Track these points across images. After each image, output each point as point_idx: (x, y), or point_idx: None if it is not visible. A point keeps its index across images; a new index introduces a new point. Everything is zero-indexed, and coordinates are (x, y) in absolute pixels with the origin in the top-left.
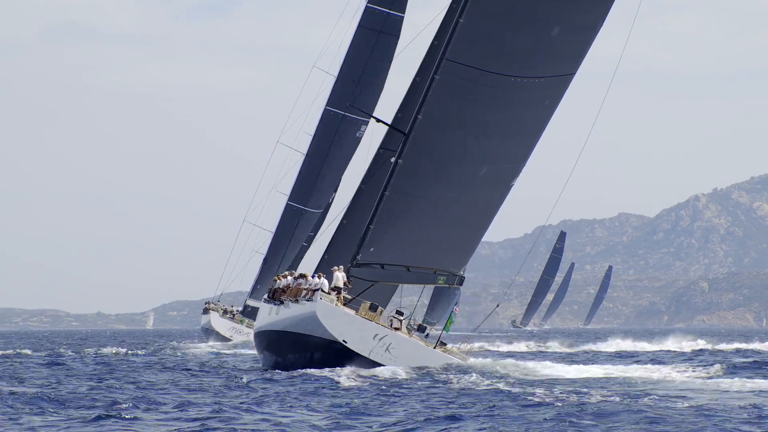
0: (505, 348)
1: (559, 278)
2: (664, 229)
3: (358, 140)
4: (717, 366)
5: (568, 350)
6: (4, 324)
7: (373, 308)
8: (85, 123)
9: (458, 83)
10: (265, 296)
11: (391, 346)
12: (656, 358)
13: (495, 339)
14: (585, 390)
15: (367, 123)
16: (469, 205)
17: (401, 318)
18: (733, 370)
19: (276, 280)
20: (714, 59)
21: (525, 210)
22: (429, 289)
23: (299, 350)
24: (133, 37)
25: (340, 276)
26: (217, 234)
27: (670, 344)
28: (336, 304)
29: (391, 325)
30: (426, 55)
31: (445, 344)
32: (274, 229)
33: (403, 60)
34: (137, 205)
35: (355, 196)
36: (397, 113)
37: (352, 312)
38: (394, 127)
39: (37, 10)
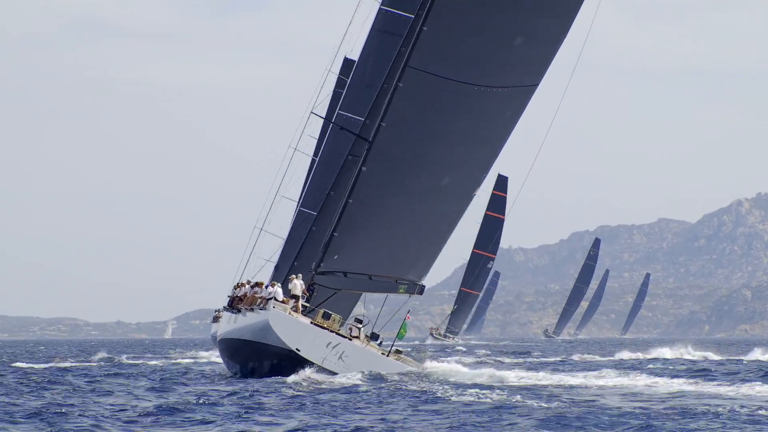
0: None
1: (593, 286)
2: (706, 235)
3: None
4: None
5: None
6: (22, 333)
7: (326, 316)
8: (91, 121)
9: (421, 91)
10: (225, 304)
11: (344, 354)
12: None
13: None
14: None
15: None
16: (430, 215)
17: (360, 326)
18: None
19: (236, 288)
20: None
21: (560, 215)
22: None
23: (256, 359)
24: (139, 34)
25: (297, 284)
26: (236, 240)
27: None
28: (290, 313)
29: (351, 332)
30: (393, 62)
31: (400, 352)
32: (285, 236)
33: None
34: (157, 211)
35: (324, 203)
36: (364, 120)
37: (306, 320)
38: (358, 135)
39: (35, 11)
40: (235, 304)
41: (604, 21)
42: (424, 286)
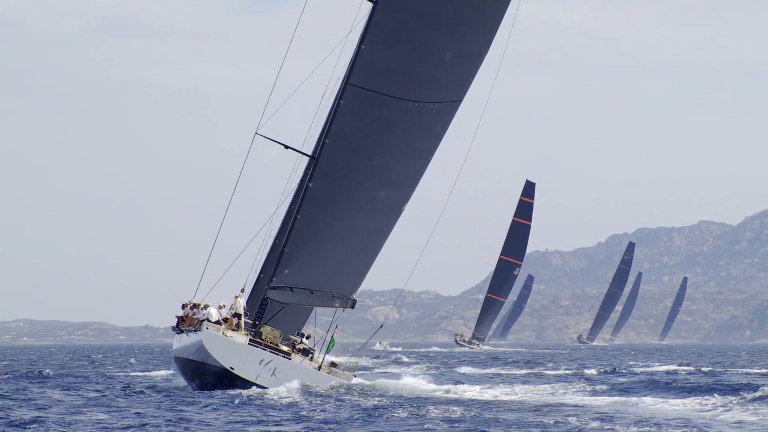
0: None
1: (628, 291)
2: (748, 238)
3: None
4: None
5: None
6: (48, 338)
7: (257, 334)
8: (122, 120)
9: (361, 108)
10: (173, 324)
11: (277, 370)
12: None
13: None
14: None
15: None
16: (366, 229)
17: (302, 339)
18: None
19: (183, 308)
20: None
21: (598, 217)
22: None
23: (199, 376)
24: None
25: (240, 302)
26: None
27: None
28: (224, 333)
29: (294, 346)
30: (343, 79)
31: (335, 365)
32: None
33: None
34: (183, 215)
35: (285, 217)
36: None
37: (242, 339)
38: (302, 152)
39: (62, 10)
40: (179, 324)
41: (654, 24)
42: (356, 300)
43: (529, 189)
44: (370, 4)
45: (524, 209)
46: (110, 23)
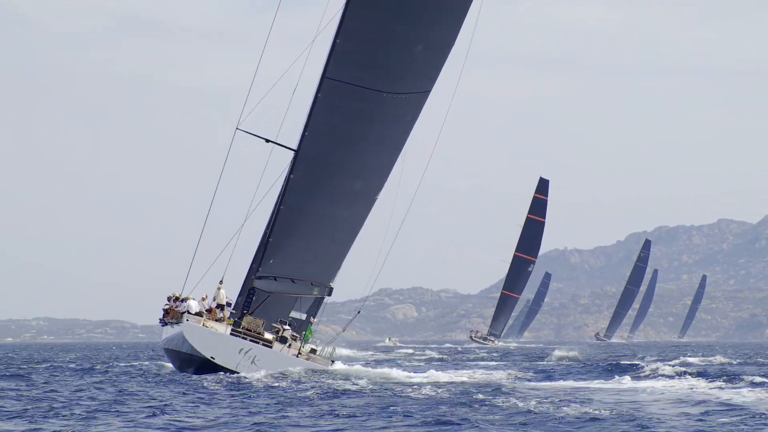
0: None
1: (644, 289)
2: (767, 237)
3: None
4: None
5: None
6: (68, 336)
7: (237, 324)
8: (139, 117)
9: (337, 100)
10: (160, 317)
11: (256, 358)
12: None
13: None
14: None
15: None
16: (343, 218)
17: (285, 327)
18: None
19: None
20: None
21: (617, 215)
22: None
23: (186, 365)
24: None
25: (221, 294)
26: None
27: None
28: (204, 324)
29: (278, 333)
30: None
31: (314, 351)
32: None
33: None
34: (201, 211)
35: (272, 209)
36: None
37: (223, 329)
38: (283, 146)
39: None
40: (165, 317)
41: (675, 22)
42: (333, 288)
43: (542, 186)
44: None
45: (538, 206)
46: (123, 23)
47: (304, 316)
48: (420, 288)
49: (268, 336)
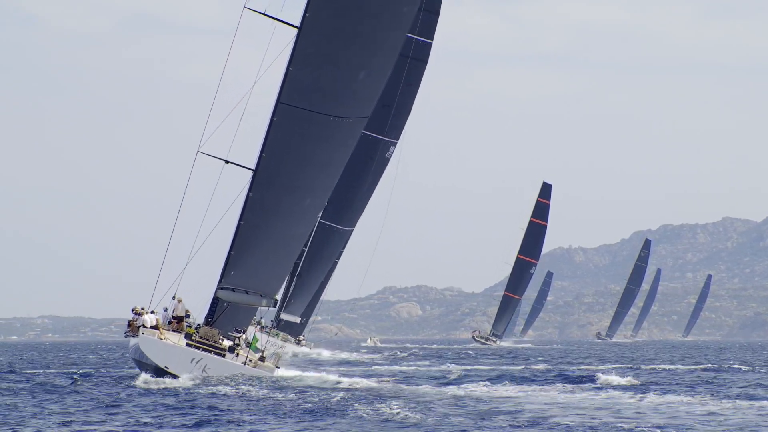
0: None
1: (647, 288)
2: None
3: (387, 161)
4: None
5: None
6: (72, 335)
7: (189, 335)
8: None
9: (291, 124)
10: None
11: (207, 367)
12: None
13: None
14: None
15: (395, 144)
16: (292, 235)
17: (238, 336)
18: None
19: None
20: None
21: (622, 214)
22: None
23: (150, 374)
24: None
25: (179, 306)
26: None
27: None
28: (159, 336)
29: (234, 342)
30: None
31: (263, 359)
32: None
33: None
34: (210, 208)
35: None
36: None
37: (177, 340)
38: (243, 166)
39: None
40: (128, 329)
41: (677, 20)
42: (277, 300)
43: (545, 190)
44: (295, 30)
45: (541, 210)
46: (139, 20)
47: (298, 319)
48: (424, 286)
49: (227, 343)
